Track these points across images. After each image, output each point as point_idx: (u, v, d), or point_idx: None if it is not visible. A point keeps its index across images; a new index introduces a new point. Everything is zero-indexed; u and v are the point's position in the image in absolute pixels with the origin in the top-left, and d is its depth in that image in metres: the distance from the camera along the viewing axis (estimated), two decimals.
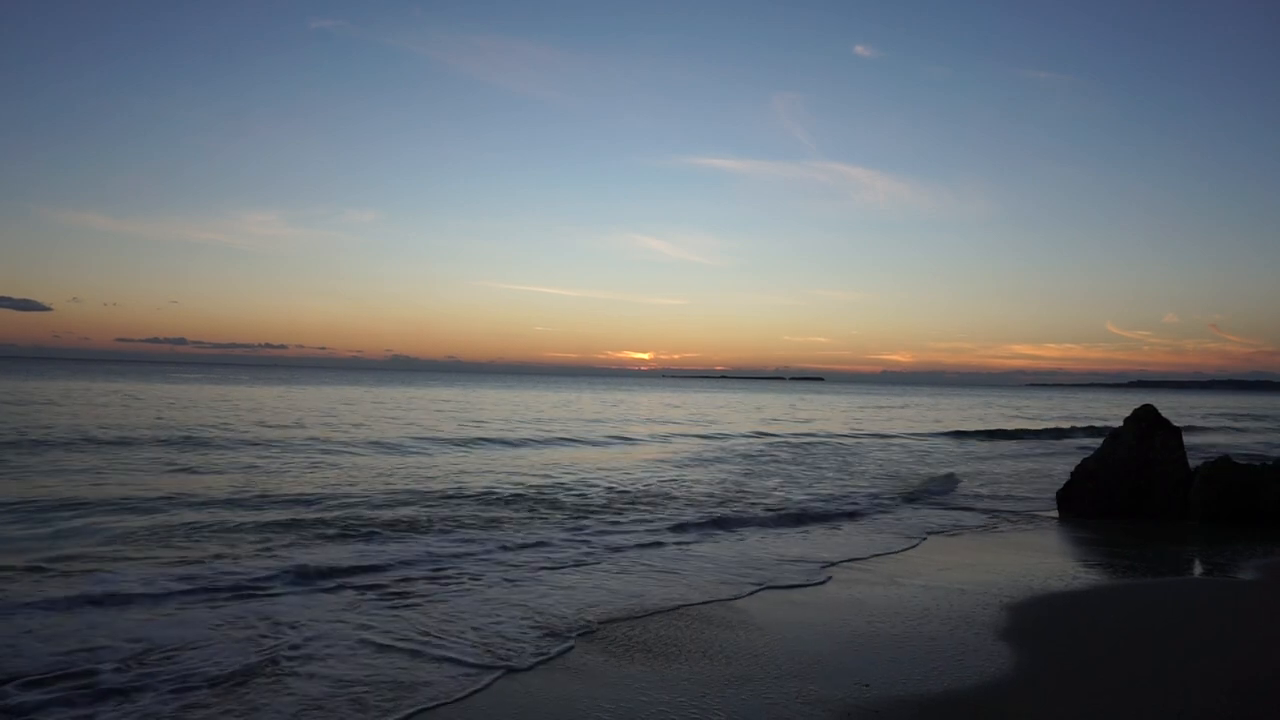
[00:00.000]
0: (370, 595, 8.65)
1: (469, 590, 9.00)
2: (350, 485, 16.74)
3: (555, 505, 15.07)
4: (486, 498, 15.68)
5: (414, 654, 6.87)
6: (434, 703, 5.87)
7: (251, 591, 8.61)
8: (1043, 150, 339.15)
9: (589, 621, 7.92)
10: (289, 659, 6.64)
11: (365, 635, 7.29)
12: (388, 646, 7.01)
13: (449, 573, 9.75)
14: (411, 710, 5.73)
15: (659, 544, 11.94)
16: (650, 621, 8.02)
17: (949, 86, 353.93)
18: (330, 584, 9.01)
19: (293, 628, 7.42)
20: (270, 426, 30.91)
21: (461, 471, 20.08)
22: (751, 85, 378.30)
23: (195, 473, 17.96)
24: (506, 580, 9.49)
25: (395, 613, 8.02)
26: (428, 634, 7.39)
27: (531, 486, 17.46)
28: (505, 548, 11.16)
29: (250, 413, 38.63)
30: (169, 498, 14.13)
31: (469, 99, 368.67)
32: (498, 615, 8.05)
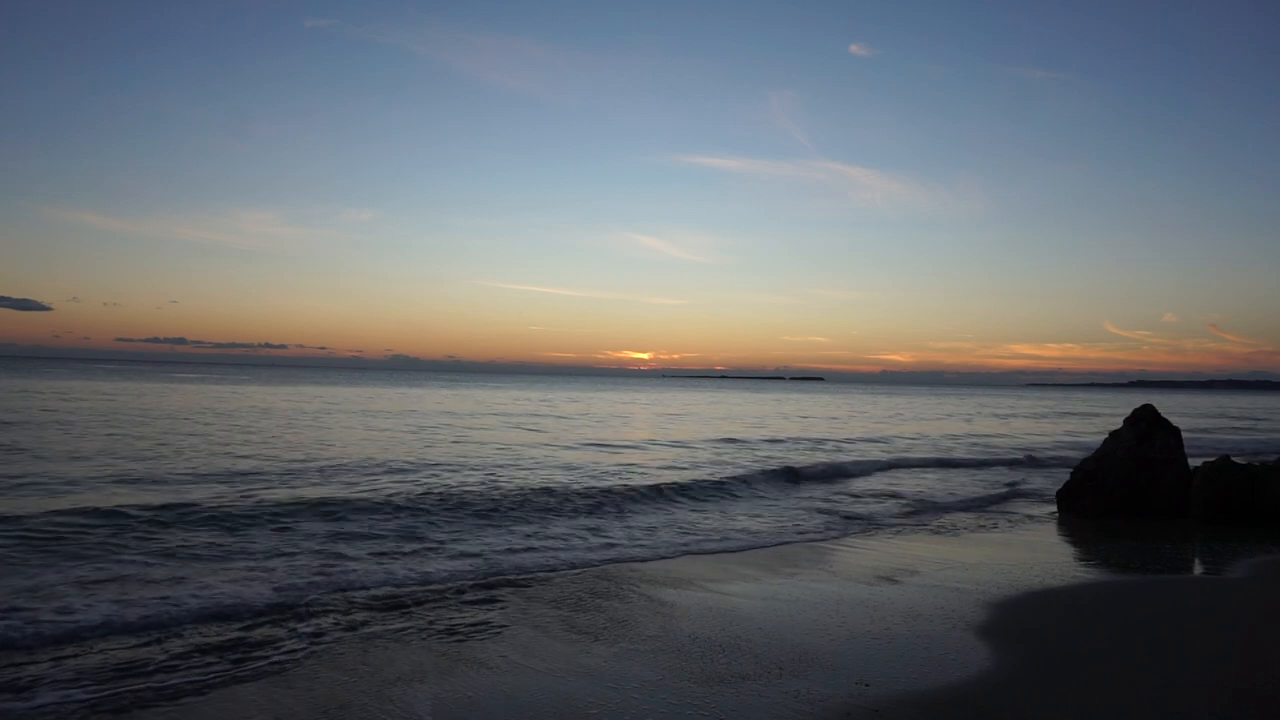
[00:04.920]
0: None
1: None
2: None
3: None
4: None
5: None
6: None
7: None
8: (1041, 149, 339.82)
9: None
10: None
11: None
12: None
13: None
14: None
15: None
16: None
17: (946, 85, 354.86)
18: None
19: None
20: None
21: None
22: (748, 84, 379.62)
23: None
24: None
25: None
26: None
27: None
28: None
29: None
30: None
31: (467, 98, 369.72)
32: None
